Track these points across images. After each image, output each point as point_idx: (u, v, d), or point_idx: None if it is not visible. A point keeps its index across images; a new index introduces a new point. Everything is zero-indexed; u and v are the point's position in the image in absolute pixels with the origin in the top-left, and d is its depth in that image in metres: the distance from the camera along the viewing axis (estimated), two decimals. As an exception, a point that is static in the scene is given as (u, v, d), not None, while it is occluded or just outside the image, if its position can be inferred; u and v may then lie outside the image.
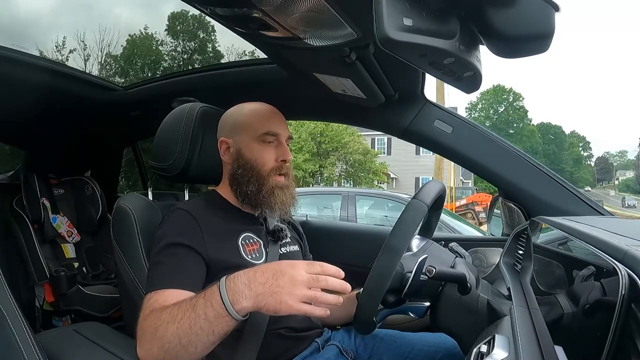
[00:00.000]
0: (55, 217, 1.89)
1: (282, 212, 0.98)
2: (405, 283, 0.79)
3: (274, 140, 0.98)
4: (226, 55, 19.67)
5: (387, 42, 0.53)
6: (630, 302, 0.44)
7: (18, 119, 1.63)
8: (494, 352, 0.57)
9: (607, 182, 53.06)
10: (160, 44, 20.59)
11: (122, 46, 18.80)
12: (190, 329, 0.69)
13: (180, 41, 21.33)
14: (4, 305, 0.69)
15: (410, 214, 0.77)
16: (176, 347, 0.70)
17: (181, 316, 0.70)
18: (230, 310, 0.67)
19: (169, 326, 0.70)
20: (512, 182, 1.20)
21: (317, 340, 0.96)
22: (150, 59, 19.55)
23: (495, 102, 47.71)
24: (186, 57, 20.73)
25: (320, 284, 0.67)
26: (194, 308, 0.70)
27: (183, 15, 21.41)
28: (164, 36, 20.65)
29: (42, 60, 1.49)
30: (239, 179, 0.97)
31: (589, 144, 58.94)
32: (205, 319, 0.68)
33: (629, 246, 0.49)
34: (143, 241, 0.96)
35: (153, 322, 0.73)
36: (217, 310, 0.68)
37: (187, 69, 5.83)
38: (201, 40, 21.39)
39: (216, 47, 21.29)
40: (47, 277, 1.74)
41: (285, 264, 0.69)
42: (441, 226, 4.15)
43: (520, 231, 1.06)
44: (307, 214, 4.86)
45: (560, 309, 0.66)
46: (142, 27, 21.63)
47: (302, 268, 0.68)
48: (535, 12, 0.57)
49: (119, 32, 21.04)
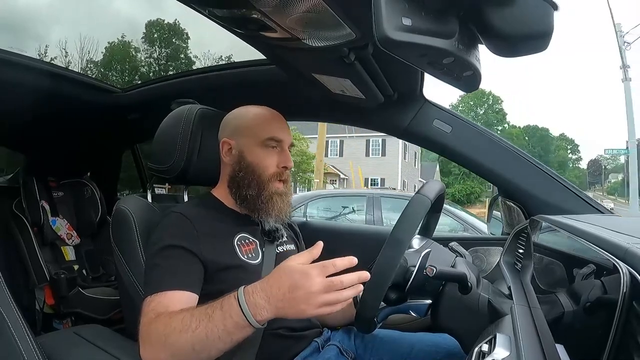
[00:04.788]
0: (55, 219, 1.89)
1: (278, 219, 0.98)
2: (409, 278, 0.79)
3: (277, 146, 0.98)
4: (202, 60, 20.77)
5: (386, 42, 0.53)
6: (631, 300, 0.44)
7: (17, 122, 1.62)
8: (495, 351, 0.57)
9: (601, 185, 53.00)
10: (137, 51, 22.47)
11: (101, 52, 20.26)
12: (207, 338, 0.70)
13: (156, 48, 23.33)
14: (5, 308, 0.69)
15: (414, 207, 0.78)
16: (188, 353, 0.71)
17: (196, 325, 0.71)
18: (252, 322, 0.69)
19: (182, 335, 0.71)
20: (511, 181, 1.21)
21: (317, 340, 0.96)
22: (130, 65, 21.04)
23: (475, 105, 48.54)
24: (162, 64, 22.57)
25: (336, 287, 0.68)
26: (211, 319, 0.71)
27: (159, 23, 23.67)
28: (141, 44, 22.71)
29: (41, 63, 1.49)
30: (239, 182, 0.96)
31: (578, 147, 58.92)
32: (225, 329, 0.70)
33: (630, 244, 0.49)
34: (143, 243, 0.96)
35: (162, 329, 0.73)
36: (236, 321, 0.70)
37: (161, 75, 5.98)
38: (174, 48, 23.39)
39: (188, 54, 23.57)
40: (47, 279, 1.74)
41: (297, 275, 0.69)
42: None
43: (520, 230, 1.06)
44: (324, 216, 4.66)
45: (561, 307, 0.66)
46: (120, 35, 23.43)
47: (315, 276, 0.68)
48: (534, 11, 0.57)
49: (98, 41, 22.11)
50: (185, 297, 0.81)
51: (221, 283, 0.86)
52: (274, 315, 0.70)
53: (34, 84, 1.35)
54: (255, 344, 0.85)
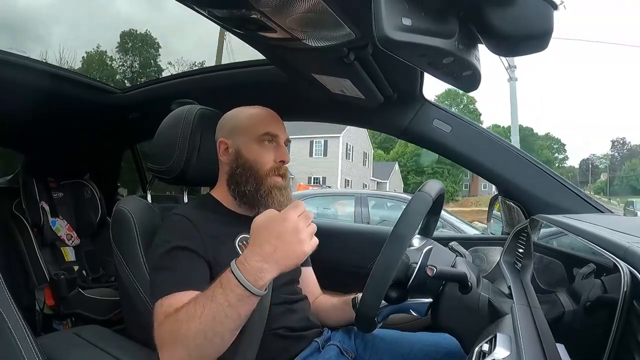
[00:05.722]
0: (55, 220, 1.89)
1: None
2: (411, 274, 0.79)
3: (273, 141, 0.99)
4: (177, 66, 22.49)
5: (386, 42, 0.53)
6: (632, 299, 0.44)
7: (16, 123, 1.62)
8: (496, 351, 0.57)
9: (589, 185, 52.99)
10: (111, 59, 24.52)
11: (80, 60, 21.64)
12: (214, 320, 0.69)
13: (129, 56, 25.50)
14: (5, 309, 0.69)
15: (416, 205, 0.78)
16: (202, 342, 0.70)
17: (201, 311, 0.70)
18: (254, 290, 0.69)
19: (190, 324, 0.70)
20: (511, 181, 1.21)
21: (317, 340, 0.96)
22: (104, 73, 22.46)
23: (451, 105, 49.27)
24: (135, 71, 24.48)
25: (309, 220, 0.73)
26: (213, 299, 0.70)
27: (131, 33, 25.86)
28: (115, 53, 24.80)
29: (41, 63, 1.48)
30: (238, 179, 0.97)
31: (564, 146, 58.83)
32: (229, 305, 0.69)
33: (630, 243, 0.49)
34: (142, 244, 0.96)
35: (170, 326, 0.73)
36: (239, 294, 0.69)
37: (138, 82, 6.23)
38: (145, 58, 25.53)
39: (158, 61, 25.95)
40: (47, 280, 1.74)
41: (275, 222, 0.71)
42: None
43: (520, 230, 1.06)
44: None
45: (562, 307, 0.66)
46: (95, 45, 25.80)
47: (292, 214, 0.71)
48: (534, 11, 0.57)
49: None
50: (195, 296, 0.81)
51: None
52: (277, 271, 0.70)
53: (34, 84, 1.35)
54: (256, 344, 0.85)
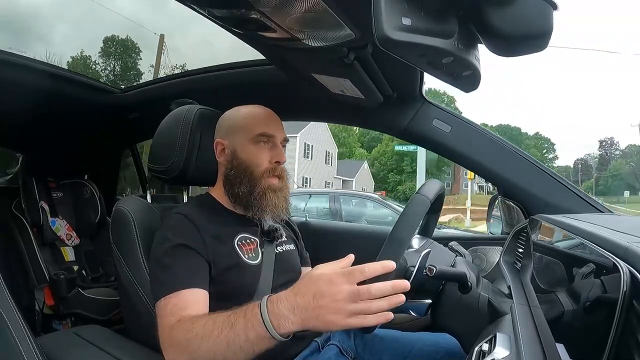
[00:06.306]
0: (54, 220, 1.89)
1: (274, 214, 0.97)
2: (409, 277, 0.79)
3: (269, 142, 0.97)
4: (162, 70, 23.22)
5: (386, 42, 0.52)
6: (631, 299, 0.44)
7: (16, 122, 1.62)
8: (496, 351, 0.57)
9: (580, 184, 53.26)
10: (94, 63, 26.29)
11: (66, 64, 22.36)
12: (227, 348, 0.68)
13: (112, 61, 27.36)
14: (4, 309, 0.69)
15: (414, 207, 0.77)
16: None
17: (217, 333, 0.69)
18: (274, 334, 0.66)
19: (203, 342, 0.70)
20: (511, 181, 1.21)
21: (317, 340, 0.96)
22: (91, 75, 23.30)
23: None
24: (117, 75, 26.12)
25: (364, 297, 0.63)
26: (232, 327, 0.68)
27: (114, 38, 27.57)
28: (99, 57, 26.77)
29: (40, 63, 1.48)
30: (232, 180, 0.96)
31: (554, 146, 59.16)
32: (246, 339, 0.67)
33: (630, 243, 0.49)
34: (142, 244, 0.96)
35: (184, 334, 0.73)
36: (259, 332, 0.67)
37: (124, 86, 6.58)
38: (125, 62, 27.17)
39: (138, 65, 27.63)
40: (47, 280, 1.74)
41: (322, 282, 0.65)
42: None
43: (520, 229, 1.06)
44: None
45: (561, 306, 0.66)
46: (79, 50, 27.32)
47: (341, 283, 0.64)
48: (534, 10, 0.57)
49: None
50: (198, 294, 0.81)
51: (223, 284, 0.87)
52: (300, 327, 0.66)
53: (33, 84, 1.35)
54: None
